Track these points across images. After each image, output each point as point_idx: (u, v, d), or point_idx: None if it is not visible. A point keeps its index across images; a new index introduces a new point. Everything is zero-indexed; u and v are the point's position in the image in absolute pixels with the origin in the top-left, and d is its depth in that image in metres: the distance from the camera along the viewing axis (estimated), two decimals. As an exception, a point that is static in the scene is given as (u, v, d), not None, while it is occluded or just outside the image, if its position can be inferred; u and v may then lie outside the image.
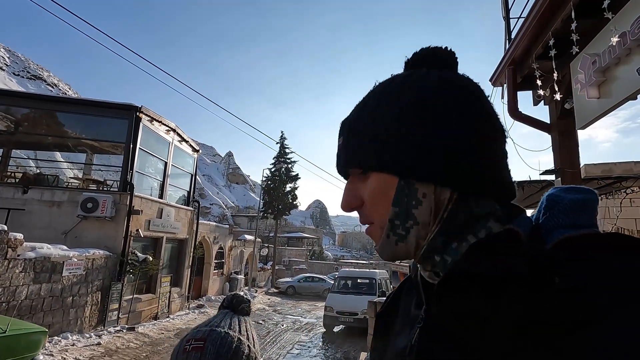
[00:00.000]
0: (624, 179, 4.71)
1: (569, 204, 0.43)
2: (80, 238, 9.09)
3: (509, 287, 0.37)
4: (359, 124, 0.49)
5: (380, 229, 0.47)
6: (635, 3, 2.35)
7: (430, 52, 0.51)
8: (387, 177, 0.46)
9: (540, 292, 0.35)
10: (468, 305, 0.39)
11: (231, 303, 0.90)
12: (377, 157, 0.46)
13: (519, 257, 0.38)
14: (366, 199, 0.48)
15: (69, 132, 11.88)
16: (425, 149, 0.44)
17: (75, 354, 6.67)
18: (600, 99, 2.79)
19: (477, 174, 0.44)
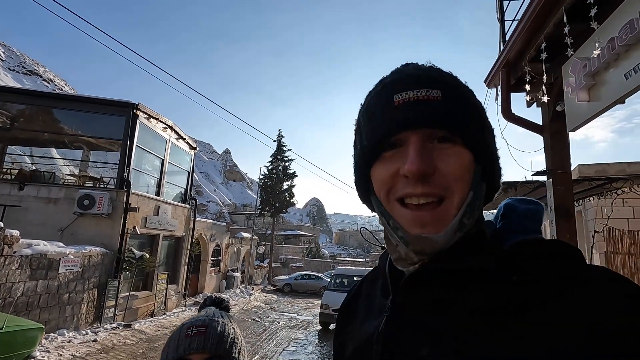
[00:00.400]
0: (615, 180, 4.79)
1: (521, 213, 0.50)
2: (76, 235, 9.09)
3: (472, 279, 0.42)
4: (461, 95, 0.47)
5: (455, 208, 0.43)
6: (624, 9, 2.40)
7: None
8: (471, 158, 0.45)
9: (501, 284, 0.41)
10: (436, 295, 0.44)
11: (214, 301, 0.97)
12: (476, 133, 0.45)
13: (485, 255, 0.44)
14: (447, 168, 0.43)
15: (65, 128, 11.84)
16: (494, 150, 0.48)
17: (72, 351, 6.70)
18: (590, 102, 2.85)
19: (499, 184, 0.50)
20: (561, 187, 3.48)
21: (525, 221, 0.50)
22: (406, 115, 0.44)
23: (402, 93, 0.45)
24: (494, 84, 4.32)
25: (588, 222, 8.84)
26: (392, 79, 0.48)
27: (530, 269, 0.41)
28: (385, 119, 0.46)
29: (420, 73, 0.47)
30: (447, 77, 0.48)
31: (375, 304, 0.54)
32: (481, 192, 0.46)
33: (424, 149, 0.44)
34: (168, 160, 12.41)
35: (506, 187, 5.10)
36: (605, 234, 6.07)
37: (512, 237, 0.47)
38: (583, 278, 0.38)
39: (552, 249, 0.44)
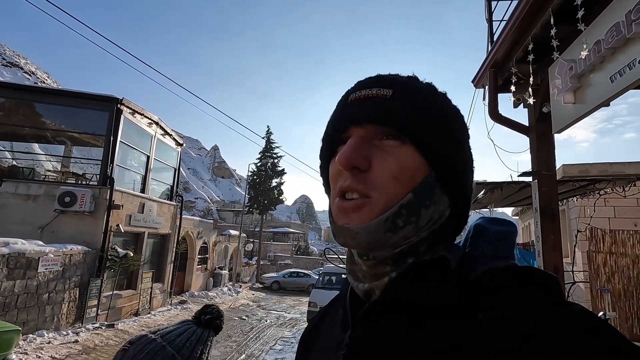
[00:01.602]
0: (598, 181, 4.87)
1: (492, 235, 0.46)
2: (57, 233, 8.84)
3: (434, 315, 0.39)
4: (417, 96, 0.45)
5: (378, 207, 0.41)
6: (610, 11, 2.41)
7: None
8: (422, 162, 0.42)
9: (463, 322, 0.37)
10: (396, 330, 0.40)
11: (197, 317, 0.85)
12: (432, 137, 0.43)
13: (447, 287, 0.40)
14: (383, 166, 0.41)
15: (48, 123, 11.48)
16: (458, 156, 0.45)
17: (51, 352, 6.51)
18: (575, 104, 2.86)
19: (468, 204, 0.47)
20: (546, 188, 3.50)
21: (496, 244, 0.45)
22: (352, 111, 0.45)
23: (357, 92, 0.46)
24: (481, 84, 4.33)
25: (571, 220, 9.03)
26: (358, 81, 0.49)
27: (498, 306, 0.37)
28: (337, 115, 0.47)
29: (381, 76, 0.47)
30: (407, 81, 0.46)
31: (334, 338, 0.50)
32: (433, 201, 0.42)
33: (363, 144, 0.43)
34: (154, 157, 12.17)
35: (492, 188, 5.13)
36: (587, 233, 6.19)
37: (482, 263, 0.43)
38: (555, 325, 0.34)
39: (525, 280, 0.39)
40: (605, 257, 5.99)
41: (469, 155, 0.47)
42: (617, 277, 5.86)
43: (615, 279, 5.87)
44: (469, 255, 0.45)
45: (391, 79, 0.46)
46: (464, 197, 0.46)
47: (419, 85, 0.47)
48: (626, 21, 2.23)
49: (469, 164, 0.47)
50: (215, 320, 0.85)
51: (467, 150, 0.47)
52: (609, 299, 5.76)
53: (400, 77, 0.47)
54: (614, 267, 5.94)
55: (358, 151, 0.42)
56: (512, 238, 0.46)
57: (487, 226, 0.47)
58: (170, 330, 0.80)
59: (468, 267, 0.43)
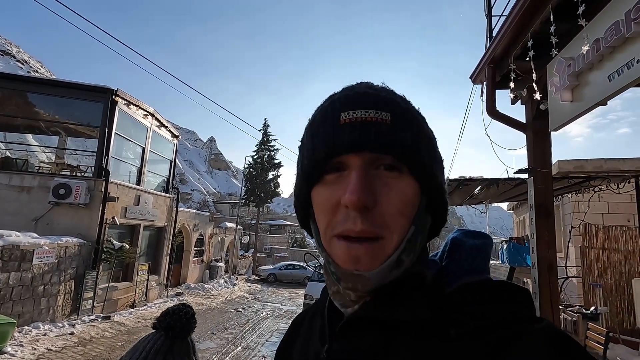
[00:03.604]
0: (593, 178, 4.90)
1: (468, 249, 0.46)
2: (52, 225, 8.79)
3: (408, 332, 0.39)
4: (413, 121, 0.43)
5: (390, 248, 0.39)
6: (610, 10, 2.39)
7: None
8: (417, 190, 0.41)
9: (435, 338, 0.37)
10: (371, 346, 0.40)
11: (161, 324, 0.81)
12: (427, 163, 0.42)
13: (420, 305, 0.40)
14: (388, 202, 0.39)
15: (41, 113, 11.32)
16: (442, 179, 0.45)
17: (47, 344, 6.52)
18: (573, 102, 2.86)
19: (445, 215, 0.46)
20: (542, 186, 3.52)
21: (472, 258, 0.45)
22: (351, 136, 0.40)
23: (350, 112, 0.41)
24: (479, 80, 4.31)
25: (565, 216, 9.10)
26: (342, 95, 0.44)
27: (469, 322, 0.37)
28: (329, 137, 0.41)
29: (372, 92, 0.43)
30: (399, 100, 0.44)
31: (312, 348, 0.49)
32: (425, 226, 0.43)
33: (367, 176, 0.40)
34: (149, 149, 12.08)
35: (488, 184, 5.15)
36: (581, 229, 6.25)
37: (457, 277, 0.43)
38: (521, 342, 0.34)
39: (497, 295, 0.40)
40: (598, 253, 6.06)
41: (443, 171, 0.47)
42: (610, 272, 5.94)
43: (608, 274, 5.95)
44: (445, 269, 0.45)
45: (387, 100, 0.43)
46: (443, 209, 0.46)
47: (412, 108, 0.45)
48: (625, 20, 2.21)
49: (444, 180, 0.47)
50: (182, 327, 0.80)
51: (443, 167, 0.47)
52: (600, 294, 5.84)
53: (395, 97, 0.45)
54: (607, 262, 6.01)
55: (367, 188, 0.39)
56: (488, 251, 0.47)
57: (464, 240, 0.47)
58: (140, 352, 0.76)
59: (444, 281, 0.43)
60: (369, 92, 0.43)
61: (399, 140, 0.40)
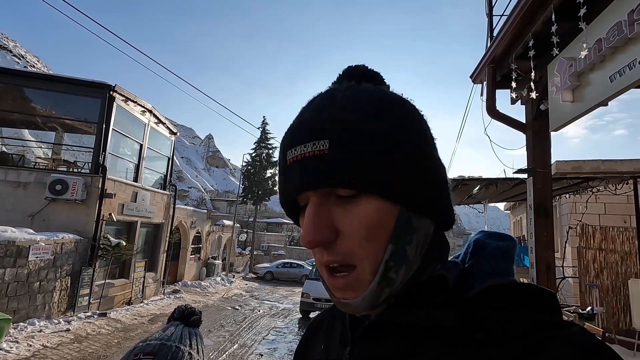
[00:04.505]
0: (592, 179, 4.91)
1: (492, 251, 0.44)
2: (48, 221, 8.73)
3: (431, 336, 0.38)
4: (361, 134, 0.38)
5: (366, 275, 0.38)
6: (612, 10, 2.38)
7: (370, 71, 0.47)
8: (387, 205, 0.38)
9: (460, 343, 0.36)
10: (395, 350, 0.40)
11: (182, 315, 0.87)
12: (390, 175, 0.38)
13: (444, 309, 0.39)
14: (351, 230, 0.38)
15: (37, 108, 11.23)
16: (424, 175, 0.40)
17: (43, 341, 6.49)
18: (573, 102, 2.85)
19: (449, 208, 0.43)
20: (541, 186, 3.52)
21: (495, 261, 0.44)
22: (294, 179, 0.40)
23: (292, 149, 0.40)
24: (480, 79, 4.30)
25: (562, 216, 9.14)
26: (290, 126, 0.42)
27: (495, 327, 0.36)
28: (283, 180, 0.42)
29: (311, 118, 0.40)
30: (344, 116, 0.39)
31: (332, 351, 0.48)
32: (414, 233, 0.39)
33: (320, 213, 0.38)
34: (147, 145, 12.01)
35: (487, 184, 5.16)
36: (578, 230, 6.27)
37: (481, 280, 0.42)
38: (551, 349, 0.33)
39: (523, 299, 0.39)
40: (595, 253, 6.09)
41: (437, 162, 0.42)
42: (606, 272, 5.97)
43: (604, 275, 5.98)
44: (468, 271, 0.44)
45: (327, 123, 0.39)
46: (442, 203, 0.42)
47: (362, 113, 0.39)
48: (628, 20, 2.21)
49: (439, 170, 0.42)
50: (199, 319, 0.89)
51: (434, 159, 0.42)
52: (597, 294, 5.87)
53: (341, 114, 0.39)
54: (603, 263, 6.04)
55: (319, 227, 0.38)
56: (512, 253, 0.45)
57: (487, 242, 0.46)
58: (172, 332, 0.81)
59: (466, 284, 0.42)
60: (309, 118, 0.40)
61: (340, 170, 0.37)
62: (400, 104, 0.42)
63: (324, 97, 0.42)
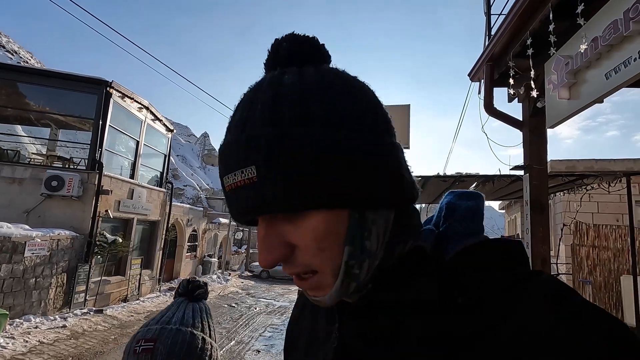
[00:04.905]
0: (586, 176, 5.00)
1: (463, 212, 0.46)
2: (43, 218, 8.68)
3: (416, 307, 0.38)
4: (278, 150, 0.35)
5: (330, 276, 0.38)
6: (609, 9, 2.44)
7: (300, 43, 0.41)
8: (334, 213, 0.37)
9: (444, 309, 0.37)
10: (382, 325, 0.40)
11: (187, 290, 0.86)
12: (325, 191, 0.35)
13: (425, 281, 0.39)
14: (303, 244, 0.37)
15: (31, 104, 11.14)
16: (372, 173, 0.37)
17: (39, 337, 6.46)
18: (570, 100, 2.91)
19: (409, 185, 0.41)
20: (537, 182, 3.58)
21: (466, 222, 0.45)
22: (234, 207, 0.38)
23: (226, 177, 0.38)
24: (478, 77, 4.36)
25: (556, 215, 9.26)
26: (220, 147, 0.40)
27: (474, 288, 0.37)
28: (227, 204, 0.40)
29: (236, 140, 0.37)
30: (265, 133, 0.35)
31: (320, 328, 0.49)
32: (371, 228, 0.38)
33: (270, 234, 0.38)
34: (143, 142, 11.97)
35: (484, 181, 5.23)
36: (572, 227, 6.37)
37: (455, 242, 0.43)
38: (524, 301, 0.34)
39: (495, 256, 0.40)
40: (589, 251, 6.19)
41: (386, 151, 0.39)
42: (599, 269, 6.07)
43: (597, 272, 6.08)
44: (443, 235, 0.45)
45: (246, 142, 0.36)
46: (399, 189, 0.39)
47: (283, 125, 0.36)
48: (624, 19, 2.26)
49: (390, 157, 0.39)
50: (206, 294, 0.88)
51: (382, 148, 0.38)
52: (590, 290, 5.97)
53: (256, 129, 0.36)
54: (596, 260, 6.15)
55: (272, 248, 0.38)
56: (480, 212, 0.46)
57: (458, 203, 0.47)
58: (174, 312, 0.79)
59: (443, 248, 0.43)
60: (232, 140, 0.38)
61: (272, 197, 0.35)
62: (327, 94, 0.37)
63: (244, 106, 0.39)
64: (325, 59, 0.42)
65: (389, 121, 0.41)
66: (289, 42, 0.41)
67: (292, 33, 0.42)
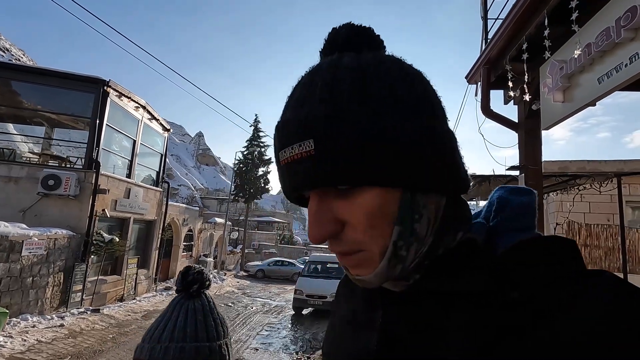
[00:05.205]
0: (578, 176, 5.15)
1: (516, 208, 0.45)
2: (40, 217, 8.64)
3: (466, 298, 0.38)
4: (337, 125, 0.36)
5: (375, 256, 0.39)
6: (601, 16, 2.56)
7: (357, 31, 0.43)
8: (387, 191, 0.37)
9: (495, 303, 0.36)
10: (430, 316, 0.40)
11: (182, 285, 0.81)
12: (380, 167, 0.36)
13: (477, 273, 0.39)
14: (354, 220, 0.38)
15: (25, 103, 11.05)
16: (426, 154, 0.38)
17: (37, 336, 6.45)
18: (564, 102, 3.03)
19: (462, 174, 0.42)
20: (532, 182, 3.70)
21: (520, 216, 0.44)
22: (288, 180, 0.39)
23: (282, 151, 0.39)
24: (474, 80, 4.47)
25: (550, 214, 9.44)
26: (277, 124, 0.41)
27: (528, 283, 0.36)
28: (281, 179, 0.41)
29: (295, 116, 0.38)
30: (325, 109, 0.37)
31: (359, 316, 0.49)
32: (422, 211, 0.39)
33: (321, 208, 0.38)
34: (140, 142, 11.95)
35: (480, 181, 5.35)
36: (565, 227, 6.52)
37: (508, 238, 0.42)
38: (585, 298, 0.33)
39: (549, 252, 0.39)
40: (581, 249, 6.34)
41: (440, 135, 0.39)
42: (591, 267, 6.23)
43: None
44: (494, 230, 0.44)
45: (305, 117, 0.37)
46: (451, 175, 0.40)
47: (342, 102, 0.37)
48: (616, 26, 2.38)
49: (444, 142, 0.40)
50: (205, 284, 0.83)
51: (436, 132, 0.39)
52: (581, 288, 6.12)
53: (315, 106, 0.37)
54: (588, 258, 6.31)
55: (322, 223, 0.38)
56: (534, 207, 0.45)
57: (510, 198, 0.46)
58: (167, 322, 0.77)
59: (494, 243, 0.42)
60: (291, 117, 0.39)
61: (329, 169, 0.36)
62: (385, 75, 0.39)
63: (305, 84, 0.40)
64: (380, 47, 0.44)
65: (444, 109, 0.42)
66: (347, 29, 0.43)
67: (350, 22, 0.43)
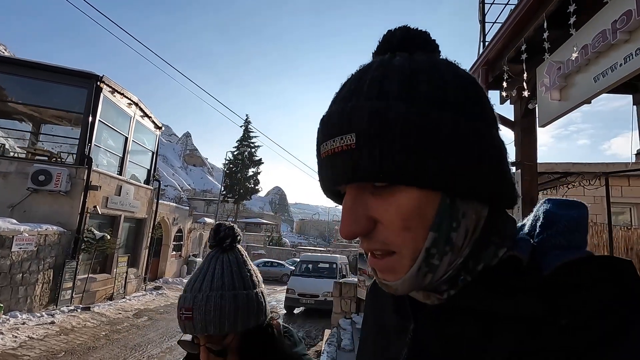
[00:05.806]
0: (569, 174, 5.39)
1: (566, 223, 0.41)
2: (29, 212, 8.46)
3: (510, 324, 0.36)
4: (380, 121, 0.36)
5: (409, 259, 0.37)
6: (598, 19, 2.74)
7: (413, 34, 0.43)
8: (425, 193, 0.36)
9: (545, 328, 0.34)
10: (467, 334, 0.38)
11: (215, 241, 0.87)
12: (421, 167, 0.35)
13: (526, 295, 0.36)
14: (388, 220, 0.37)
15: (11, 97, 10.76)
16: (469, 158, 0.36)
17: (28, 333, 6.32)
18: (561, 101, 3.21)
19: (508, 185, 0.39)
20: (528, 178, 3.88)
21: (569, 232, 0.40)
22: (327, 173, 0.39)
23: (324, 144, 0.39)
24: (472, 80, 4.65)
25: (536, 215, 9.78)
26: (322, 117, 0.41)
27: (579, 309, 0.33)
28: (320, 172, 0.41)
29: (340, 109, 0.38)
30: (370, 106, 0.36)
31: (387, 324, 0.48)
32: (460, 219, 0.37)
33: (356, 205, 0.38)
34: (132, 139, 11.81)
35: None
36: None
37: (556, 256, 0.38)
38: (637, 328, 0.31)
39: (604, 275, 0.35)
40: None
41: (486, 139, 0.38)
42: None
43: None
44: (540, 247, 0.40)
45: (350, 112, 0.37)
46: (495, 184, 0.38)
47: (388, 100, 0.36)
48: (611, 29, 2.56)
49: (490, 147, 0.38)
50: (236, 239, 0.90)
51: (481, 136, 0.37)
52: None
53: (362, 101, 0.37)
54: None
55: (355, 219, 0.38)
56: (586, 223, 0.41)
57: (559, 212, 0.42)
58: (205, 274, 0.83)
59: (540, 261, 0.39)
60: (336, 110, 0.39)
61: (368, 165, 0.35)
62: (436, 76, 0.38)
63: (353, 81, 0.40)
64: (435, 50, 0.43)
65: (495, 117, 0.41)
66: (403, 31, 0.43)
67: (406, 25, 0.43)
